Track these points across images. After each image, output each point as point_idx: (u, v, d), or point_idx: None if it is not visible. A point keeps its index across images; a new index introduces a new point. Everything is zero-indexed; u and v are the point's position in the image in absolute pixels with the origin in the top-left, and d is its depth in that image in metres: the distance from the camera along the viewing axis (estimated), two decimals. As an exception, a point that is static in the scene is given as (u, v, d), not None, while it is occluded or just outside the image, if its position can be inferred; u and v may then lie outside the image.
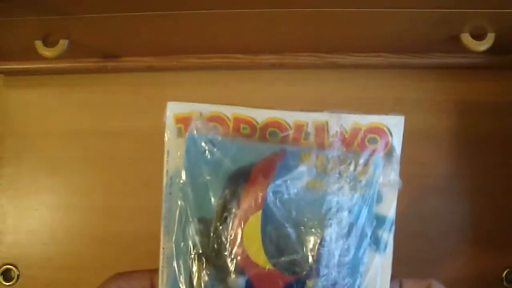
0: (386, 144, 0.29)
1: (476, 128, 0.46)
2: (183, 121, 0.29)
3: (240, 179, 0.28)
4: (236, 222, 0.28)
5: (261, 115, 0.29)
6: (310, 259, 0.27)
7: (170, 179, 0.29)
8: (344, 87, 0.46)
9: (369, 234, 0.28)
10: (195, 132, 0.28)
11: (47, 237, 0.46)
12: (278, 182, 0.28)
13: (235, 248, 0.27)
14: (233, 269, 0.27)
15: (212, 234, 0.28)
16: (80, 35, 0.39)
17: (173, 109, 0.29)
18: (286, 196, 0.28)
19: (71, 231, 0.46)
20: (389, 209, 0.29)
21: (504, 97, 0.46)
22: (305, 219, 0.28)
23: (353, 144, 0.29)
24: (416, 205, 0.46)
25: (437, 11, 0.35)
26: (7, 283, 0.46)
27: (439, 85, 0.46)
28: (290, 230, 0.28)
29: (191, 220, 0.28)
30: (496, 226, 0.44)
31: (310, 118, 0.29)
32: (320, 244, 0.27)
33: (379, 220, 0.29)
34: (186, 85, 0.47)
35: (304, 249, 0.28)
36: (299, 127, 0.29)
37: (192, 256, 0.28)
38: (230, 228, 0.28)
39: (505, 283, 0.44)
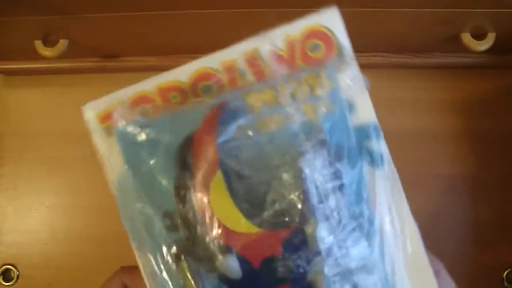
0: (331, 45, 0.25)
1: (476, 128, 0.46)
2: (108, 118, 0.25)
3: (185, 149, 0.24)
4: (198, 195, 0.24)
5: (184, 73, 0.25)
6: (297, 201, 0.23)
7: (118, 186, 0.25)
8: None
9: (355, 150, 0.24)
10: (121, 123, 0.25)
11: (47, 237, 0.46)
12: (226, 134, 0.23)
13: (208, 225, 0.24)
14: (217, 251, 0.24)
15: (179, 223, 0.24)
16: (80, 35, 0.39)
17: (92, 109, 0.26)
18: (241, 145, 0.24)
19: (71, 231, 0.46)
20: (368, 114, 0.25)
21: (504, 96, 0.46)
22: (274, 161, 0.23)
23: (295, 60, 0.25)
24: (415, 205, 0.46)
25: (438, 11, 0.35)
26: (7, 283, 0.45)
27: (439, 85, 0.46)
28: (261, 179, 0.23)
29: (155, 219, 0.24)
30: (496, 226, 0.44)
31: (238, 53, 0.25)
32: (302, 179, 0.23)
33: (362, 131, 0.25)
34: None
35: (286, 193, 0.23)
36: (230, 68, 0.25)
37: (171, 261, 0.24)
38: (194, 205, 0.24)
39: (505, 283, 0.44)
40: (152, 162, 0.24)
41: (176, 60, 0.45)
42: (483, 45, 0.38)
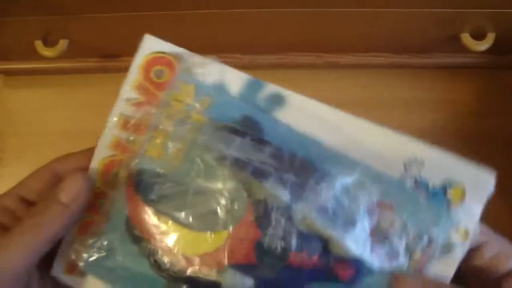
0: (169, 61, 0.27)
1: (476, 128, 0.46)
2: (73, 269, 0.27)
3: (130, 230, 0.27)
4: (166, 252, 0.26)
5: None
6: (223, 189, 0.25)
7: None
8: (344, 87, 0.46)
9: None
10: (81, 263, 0.27)
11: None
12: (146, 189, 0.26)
13: (163, 255, 0.26)
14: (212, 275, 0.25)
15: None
16: (80, 35, 0.40)
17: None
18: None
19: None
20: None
21: (504, 96, 0.46)
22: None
23: (154, 94, 0.27)
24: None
25: (437, 11, 0.35)
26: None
27: (438, 85, 0.46)
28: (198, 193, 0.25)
29: None
30: (496, 226, 0.44)
31: (104, 140, 0.27)
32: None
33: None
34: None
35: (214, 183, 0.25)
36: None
37: None
38: (169, 263, 0.26)
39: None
40: (121, 260, 0.26)
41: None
42: (483, 45, 0.38)
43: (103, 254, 0.26)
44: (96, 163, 0.27)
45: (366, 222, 0.25)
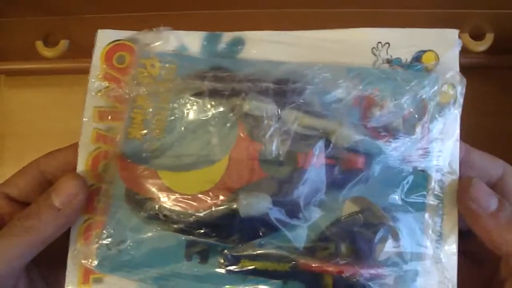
0: (129, 46, 0.27)
1: (476, 128, 0.46)
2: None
3: (129, 200, 0.26)
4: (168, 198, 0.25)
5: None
6: None
7: None
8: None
9: None
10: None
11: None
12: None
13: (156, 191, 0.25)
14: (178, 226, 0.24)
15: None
16: (80, 36, 0.40)
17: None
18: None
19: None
20: None
21: (503, 96, 0.46)
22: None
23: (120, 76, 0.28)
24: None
25: (436, 11, 0.35)
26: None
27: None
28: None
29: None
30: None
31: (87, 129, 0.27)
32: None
33: None
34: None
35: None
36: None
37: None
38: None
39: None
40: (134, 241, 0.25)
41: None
42: (482, 46, 0.38)
43: (114, 247, 0.25)
44: (83, 161, 0.26)
45: (356, 113, 0.25)
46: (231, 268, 0.24)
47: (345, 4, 0.34)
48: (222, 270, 0.24)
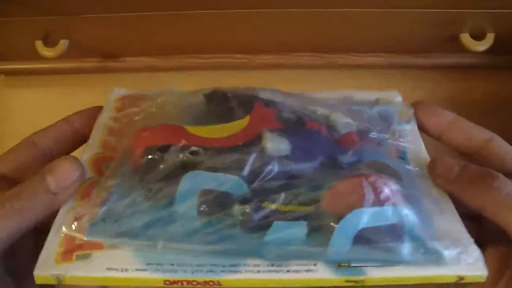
0: None
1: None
2: None
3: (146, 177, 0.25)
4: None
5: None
6: None
7: None
8: (344, 87, 0.46)
9: None
10: None
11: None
12: None
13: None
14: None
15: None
16: (80, 35, 0.40)
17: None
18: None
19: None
20: None
21: (504, 97, 0.46)
22: None
23: None
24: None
25: (437, 11, 0.35)
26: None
27: (438, 85, 0.46)
28: None
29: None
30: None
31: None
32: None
33: None
34: (186, 85, 0.47)
35: None
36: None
37: None
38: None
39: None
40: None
41: (176, 60, 0.45)
42: (482, 46, 0.38)
43: (110, 218, 0.22)
44: (86, 160, 0.26)
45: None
46: (253, 215, 0.22)
47: (346, 4, 0.34)
48: (240, 228, 0.22)
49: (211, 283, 0.21)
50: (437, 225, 0.24)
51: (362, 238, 0.22)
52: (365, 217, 0.22)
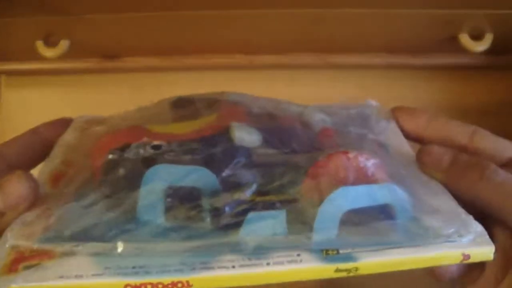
0: None
1: (475, 128, 0.46)
2: None
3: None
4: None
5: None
6: None
7: None
8: (344, 87, 0.46)
9: None
10: None
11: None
12: None
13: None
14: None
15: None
16: (81, 36, 0.40)
17: None
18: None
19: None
20: None
21: (503, 97, 0.46)
22: None
23: None
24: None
25: (435, 11, 0.35)
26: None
27: (438, 85, 0.46)
28: None
29: None
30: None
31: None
32: None
33: None
34: (186, 85, 0.47)
35: None
36: None
37: None
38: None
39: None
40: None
41: (176, 60, 0.45)
42: (481, 46, 0.38)
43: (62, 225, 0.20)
44: (46, 171, 0.25)
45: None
46: (225, 208, 0.20)
47: (346, 4, 0.35)
48: (211, 222, 0.20)
49: (179, 284, 0.19)
50: (431, 204, 0.22)
51: (350, 220, 0.20)
52: (349, 196, 0.20)
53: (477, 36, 0.38)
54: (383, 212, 0.20)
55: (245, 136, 0.22)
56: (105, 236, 0.20)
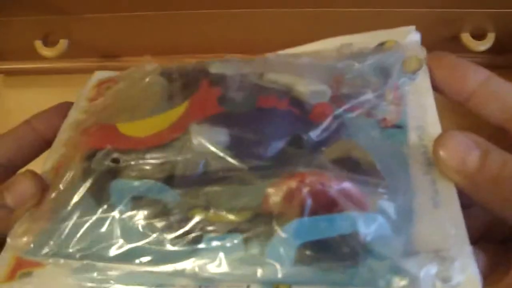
0: None
1: (477, 128, 0.46)
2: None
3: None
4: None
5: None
6: None
7: None
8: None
9: None
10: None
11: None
12: None
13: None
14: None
15: None
16: (80, 35, 0.40)
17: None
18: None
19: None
20: None
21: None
22: None
23: None
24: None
25: (437, 11, 0.35)
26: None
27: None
28: None
29: None
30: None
31: None
32: None
33: None
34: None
35: None
36: None
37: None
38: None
39: None
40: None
41: (176, 60, 0.45)
42: (483, 45, 0.38)
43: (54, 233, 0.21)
44: (49, 165, 0.25)
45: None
46: (179, 228, 0.19)
47: (346, 4, 0.34)
48: (169, 235, 0.19)
49: None
50: (419, 229, 0.18)
51: (306, 254, 0.17)
52: (304, 229, 0.17)
53: (479, 36, 0.38)
54: (347, 245, 0.17)
55: (206, 140, 0.20)
56: (80, 254, 0.20)
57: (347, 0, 0.34)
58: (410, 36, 0.24)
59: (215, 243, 0.19)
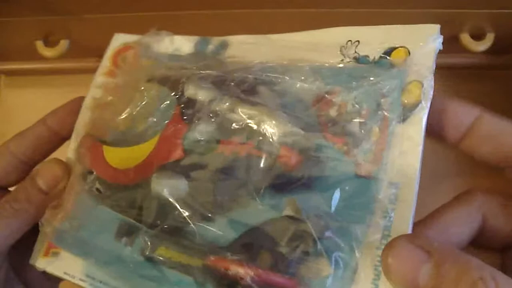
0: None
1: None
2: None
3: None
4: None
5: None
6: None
7: None
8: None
9: None
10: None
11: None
12: None
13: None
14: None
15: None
16: (80, 35, 0.40)
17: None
18: None
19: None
20: None
21: (504, 97, 0.46)
22: None
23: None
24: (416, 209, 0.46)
25: (436, 11, 0.35)
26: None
27: (438, 85, 0.46)
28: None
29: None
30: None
31: None
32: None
33: None
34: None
35: None
36: None
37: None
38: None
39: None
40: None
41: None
42: (482, 46, 0.38)
43: (72, 223, 0.24)
44: (73, 146, 0.27)
45: (314, 114, 0.21)
46: (148, 254, 0.22)
47: (345, 4, 0.34)
48: (141, 258, 0.22)
49: None
50: None
51: None
52: None
53: (478, 36, 0.38)
54: None
55: (165, 190, 0.22)
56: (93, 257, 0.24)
57: (347, 1, 0.34)
58: (429, 40, 0.21)
59: (175, 280, 0.21)
